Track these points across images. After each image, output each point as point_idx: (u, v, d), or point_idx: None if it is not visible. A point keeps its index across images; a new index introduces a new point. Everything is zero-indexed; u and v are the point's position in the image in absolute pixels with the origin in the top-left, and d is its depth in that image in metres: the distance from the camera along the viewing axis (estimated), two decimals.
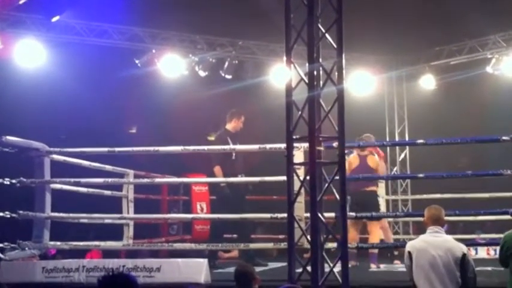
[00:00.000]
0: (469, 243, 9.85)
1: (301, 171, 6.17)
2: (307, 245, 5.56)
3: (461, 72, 13.26)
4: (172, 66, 12.44)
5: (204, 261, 7.37)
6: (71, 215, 9.18)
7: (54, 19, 10.17)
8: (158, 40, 12.39)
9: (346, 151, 6.12)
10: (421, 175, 8.85)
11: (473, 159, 12.99)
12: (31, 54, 11.19)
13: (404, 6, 10.89)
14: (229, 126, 9.91)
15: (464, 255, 5.48)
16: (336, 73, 5.56)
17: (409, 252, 5.67)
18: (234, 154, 9.70)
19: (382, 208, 10.06)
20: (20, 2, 9.52)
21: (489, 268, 7.94)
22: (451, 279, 5.43)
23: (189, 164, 11.49)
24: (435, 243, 5.57)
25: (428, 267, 5.48)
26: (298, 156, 7.09)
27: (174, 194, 12.57)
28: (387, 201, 12.64)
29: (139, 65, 12.35)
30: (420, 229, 8.72)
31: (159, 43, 12.38)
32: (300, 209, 7.31)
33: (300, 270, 5.51)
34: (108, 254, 10.08)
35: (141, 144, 9.09)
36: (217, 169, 9.56)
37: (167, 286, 7.33)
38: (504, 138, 7.70)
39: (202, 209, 12.07)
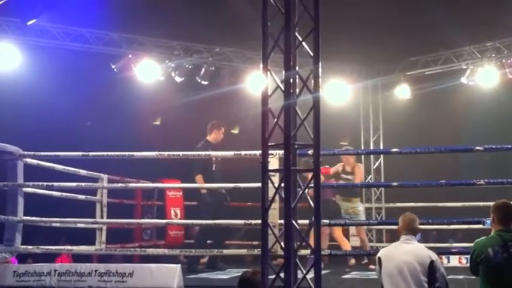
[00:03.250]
0: (442, 251, 9.95)
1: (276, 178, 6.19)
2: (280, 252, 5.56)
3: (436, 83, 13.36)
4: (148, 71, 12.42)
5: (177, 267, 7.36)
6: (44, 218, 9.12)
7: (30, 22, 10.13)
8: (135, 45, 12.37)
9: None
10: (395, 183, 8.91)
11: (447, 169, 13.06)
12: (6, 58, 11.13)
13: (380, 16, 10.96)
14: (210, 137, 10.20)
15: (432, 262, 5.49)
16: (312, 81, 5.58)
17: (379, 258, 5.73)
18: (214, 166, 10.05)
19: None
20: None
21: (461, 276, 8.00)
22: (417, 285, 5.45)
23: (163, 170, 11.47)
24: (404, 250, 5.62)
25: (396, 273, 5.52)
26: (273, 163, 7.12)
27: (148, 199, 12.54)
28: None
29: (116, 70, 12.32)
30: (393, 237, 8.78)
31: (136, 48, 12.36)
32: (274, 216, 7.35)
33: (273, 276, 5.52)
34: (79, 258, 10.02)
35: (116, 148, 9.06)
36: (198, 177, 9.84)
37: None
38: (477, 148, 7.79)
39: (176, 215, 12.05)
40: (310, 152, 5.69)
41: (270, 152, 5.82)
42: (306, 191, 5.29)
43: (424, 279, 5.46)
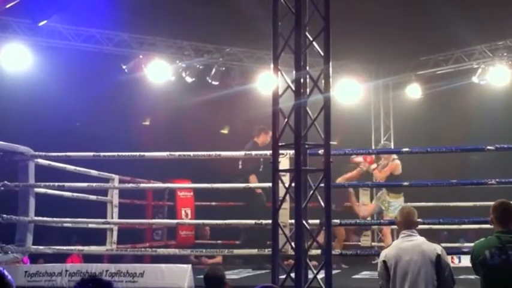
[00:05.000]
0: (453, 251, 9.90)
1: (286, 178, 6.19)
2: (291, 252, 5.56)
3: (448, 82, 13.30)
4: (159, 72, 12.42)
5: (187, 267, 7.37)
6: (55, 219, 9.15)
7: (41, 23, 10.14)
8: (145, 46, 12.37)
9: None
10: (405, 183, 8.89)
11: (457, 169, 13.02)
12: (17, 58, 11.16)
13: (391, 15, 10.94)
14: (258, 140, 10.42)
15: (438, 256, 5.45)
16: (323, 81, 5.58)
17: (384, 262, 5.56)
18: (261, 167, 10.32)
19: None
20: (7, 6, 9.48)
21: (472, 277, 7.95)
22: (427, 282, 5.41)
23: (174, 170, 11.48)
24: (409, 248, 5.52)
25: (405, 274, 5.43)
26: (284, 163, 7.11)
27: (158, 200, 12.55)
28: None
29: (126, 71, 12.34)
30: None
31: (146, 49, 12.37)
32: (285, 216, 7.33)
33: (284, 276, 5.52)
34: (89, 258, 10.05)
35: (128, 149, 9.09)
36: (252, 177, 10.16)
37: None
38: (489, 147, 7.76)
39: (187, 215, 12.06)
40: (321, 151, 5.70)
41: (280, 152, 5.83)
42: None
43: (434, 277, 5.41)
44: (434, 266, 5.41)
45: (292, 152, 5.76)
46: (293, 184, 5.51)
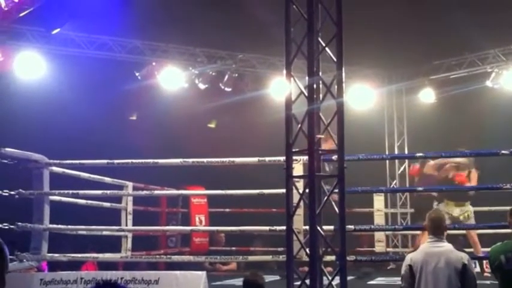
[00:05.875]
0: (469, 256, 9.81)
1: (300, 184, 6.17)
2: (305, 258, 5.54)
3: (461, 86, 13.26)
4: (172, 78, 12.45)
5: (202, 274, 7.37)
6: (69, 226, 9.17)
7: (55, 32, 10.19)
8: (158, 53, 12.41)
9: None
10: (420, 188, 8.85)
11: None
12: (31, 67, 11.21)
13: (404, 20, 10.92)
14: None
15: (464, 265, 5.40)
16: (336, 86, 5.56)
17: (410, 266, 5.54)
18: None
19: None
20: (21, 15, 9.53)
21: (488, 282, 7.93)
22: None
23: (188, 177, 11.48)
24: (435, 255, 5.48)
25: (430, 280, 5.40)
26: (298, 169, 7.09)
27: (173, 206, 12.55)
28: (386, 214, 12.62)
29: (139, 78, 12.36)
30: None
31: (159, 56, 12.40)
32: (299, 222, 7.31)
33: (299, 283, 5.50)
34: (104, 266, 10.06)
35: (141, 155, 9.10)
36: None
37: None
38: (503, 152, 7.71)
39: (201, 222, 12.06)
40: (335, 157, 5.68)
41: (294, 157, 5.81)
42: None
43: (458, 285, 5.36)
44: (459, 275, 5.36)
45: (305, 158, 5.74)
46: (307, 190, 5.49)
